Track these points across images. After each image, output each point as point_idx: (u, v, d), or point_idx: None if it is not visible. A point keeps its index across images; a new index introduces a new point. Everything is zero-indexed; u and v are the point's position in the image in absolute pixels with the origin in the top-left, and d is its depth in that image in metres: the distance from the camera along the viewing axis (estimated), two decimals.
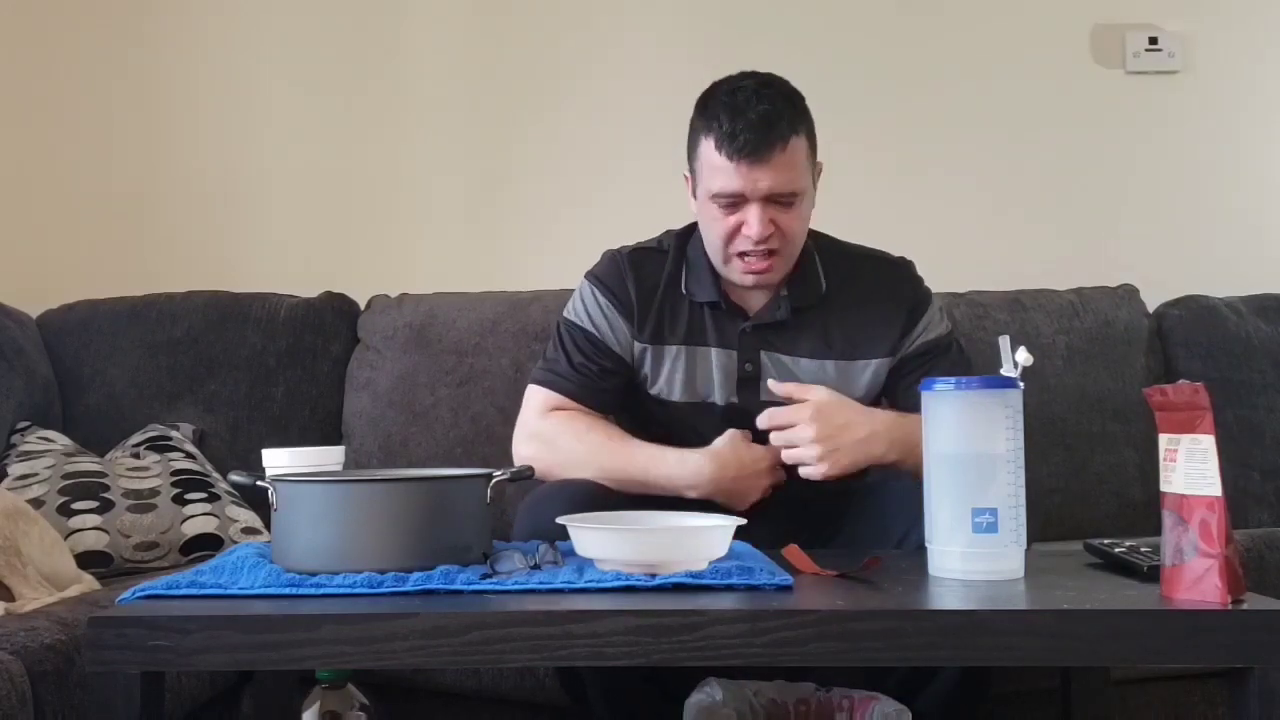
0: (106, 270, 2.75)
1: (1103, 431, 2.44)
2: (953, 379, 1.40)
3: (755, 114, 1.70)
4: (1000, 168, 2.84)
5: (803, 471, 1.70)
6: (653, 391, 1.85)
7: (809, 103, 1.80)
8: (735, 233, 1.75)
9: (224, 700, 1.90)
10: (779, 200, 1.73)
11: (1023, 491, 1.37)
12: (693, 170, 1.81)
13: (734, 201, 1.73)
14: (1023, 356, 1.40)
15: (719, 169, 1.72)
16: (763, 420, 1.72)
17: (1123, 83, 2.84)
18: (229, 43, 2.84)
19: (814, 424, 1.67)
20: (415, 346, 2.48)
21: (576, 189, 2.82)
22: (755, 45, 2.82)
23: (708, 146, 1.74)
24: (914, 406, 1.81)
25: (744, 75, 1.79)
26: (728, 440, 1.76)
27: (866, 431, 1.69)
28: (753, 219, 1.73)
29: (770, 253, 1.76)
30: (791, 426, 1.69)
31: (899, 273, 1.89)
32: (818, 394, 1.72)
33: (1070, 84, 2.84)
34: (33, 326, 2.51)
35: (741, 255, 1.77)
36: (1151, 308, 2.61)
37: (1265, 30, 2.85)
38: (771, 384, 1.77)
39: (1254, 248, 2.82)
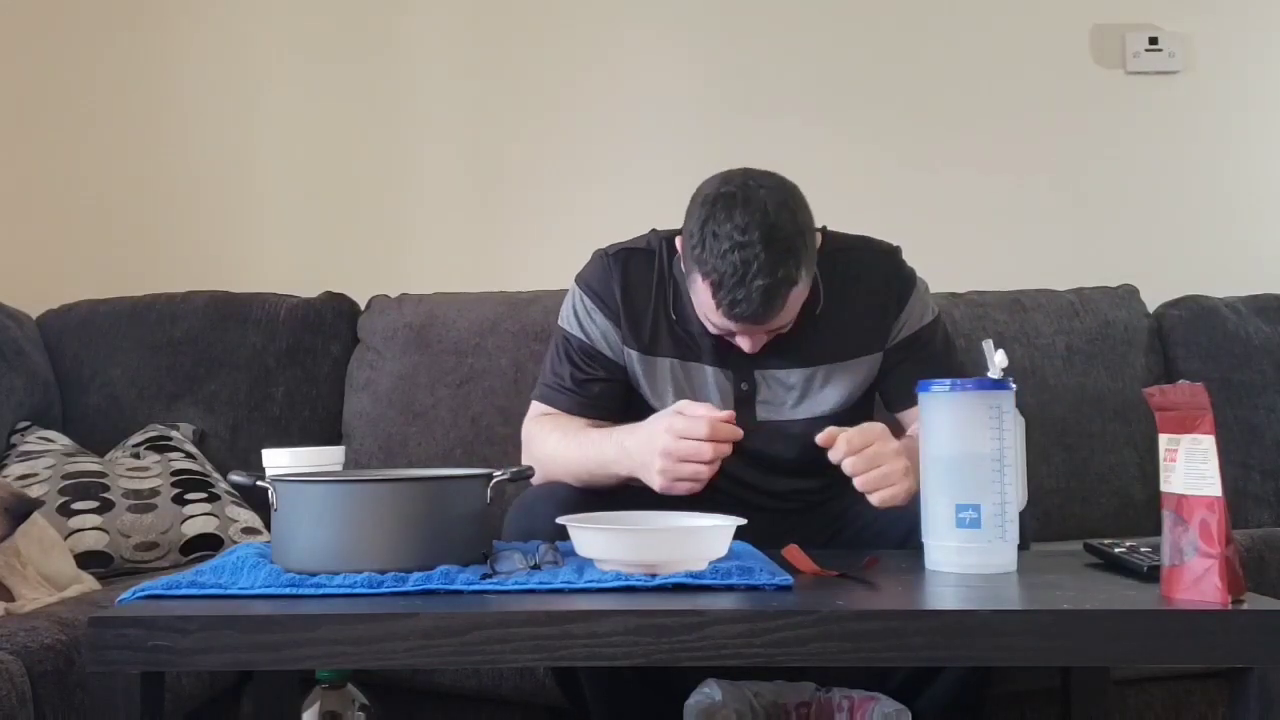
0: (106, 270, 2.75)
1: (1103, 431, 2.44)
2: (947, 380, 1.43)
3: (756, 289, 1.60)
4: (1000, 168, 2.84)
5: (886, 494, 1.55)
6: (654, 405, 1.82)
7: (807, 101, 1.78)
8: (728, 334, 1.73)
9: (224, 700, 1.90)
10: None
11: (1012, 488, 1.40)
12: (686, 270, 1.71)
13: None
14: (999, 359, 1.43)
15: (713, 310, 1.66)
16: (837, 451, 1.56)
17: (1123, 83, 2.85)
18: (229, 42, 2.84)
19: (891, 443, 1.58)
20: (415, 347, 2.48)
21: (576, 189, 2.82)
22: (756, 47, 2.83)
23: (705, 289, 1.65)
24: (898, 398, 1.84)
25: (746, 207, 1.62)
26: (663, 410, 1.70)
27: (910, 456, 1.60)
28: (745, 343, 1.72)
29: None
30: (869, 446, 1.56)
31: (883, 262, 1.86)
32: (868, 426, 1.60)
33: (1070, 84, 2.84)
34: (33, 326, 2.51)
35: None
36: (1151, 308, 2.62)
37: (1265, 30, 2.85)
38: (819, 438, 1.59)
39: (1254, 248, 2.82)
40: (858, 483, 1.56)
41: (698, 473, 1.59)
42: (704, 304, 1.69)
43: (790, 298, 1.65)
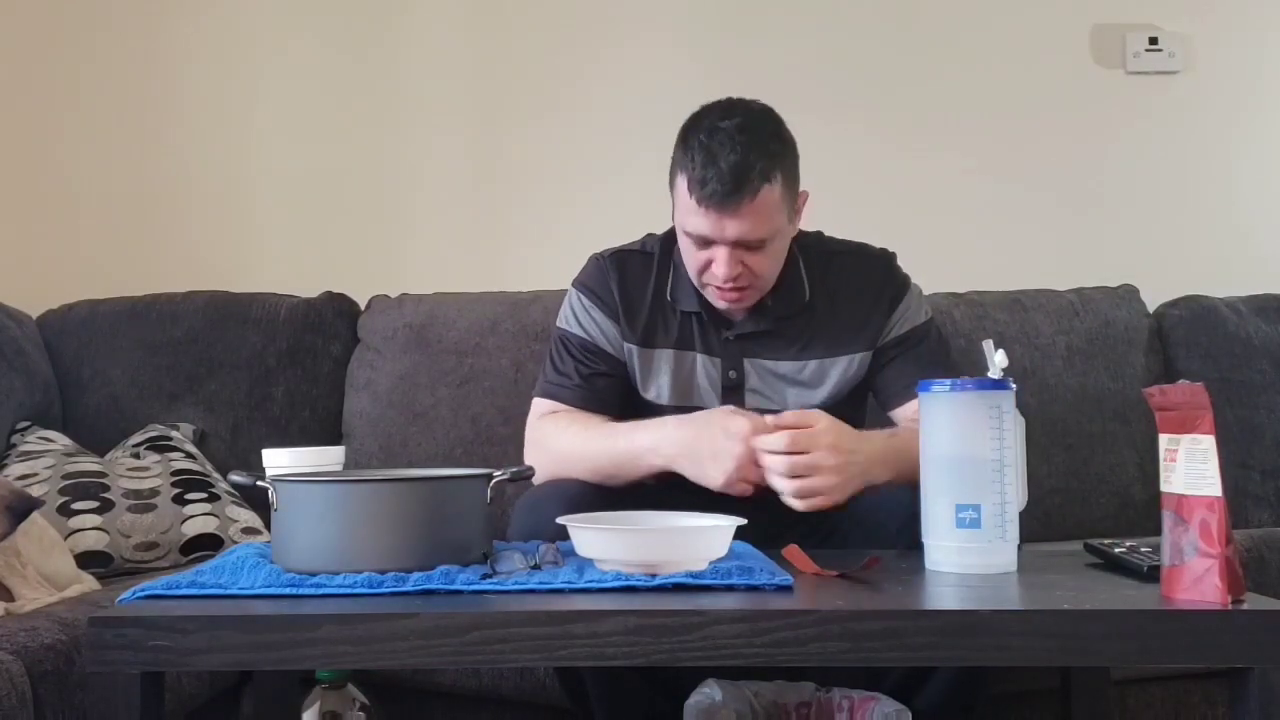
0: (106, 270, 2.75)
1: (1103, 431, 2.44)
2: (947, 380, 1.43)
3: (727, 163, 1.67)
4: (1000, 168, 2.83)
5: (806, 504, 1.59)
6: (646, 396, 1.86)
7: (806, 101, 1.79)
8: (706, 267, 1.76)
9: (224, 700, 1.90)
10: (747, 244, 1.72)
11: (1012, 489, 1.41)
12: (671, 193, 1.80)
13: (704, 240, 1.74)
14: (999, 359, 1.44)
15: (690, 209, 1.72)
16: (773, 439, 1.60)
17: (1123, 83, 2.85)
18: (229, 42, 2.84)
19: (833, 453, 1.59)
20: (415, 346, 2.48)
21: (576, 189, 2.82)
22: (754, 47, 2.82)
23: (681, 183, 1.73)
24: (891, 395, 1.85)
25: (728, 109, 1.75)
26: (711, 409, 1.74)
27: (865, 458, 1.63)
28: (720, 261, 1.73)
29: (740, 288, 1.77)
30: (804, 453, 1.59)
31: (878, 266, 1.89)
32: (823, 421, 1.62)
33: (1070, 84, 2.84)
34: (33, 326, 2.51)
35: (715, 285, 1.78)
36: (1151, 308, 2.62)
37: (1265, 30, 2.85)
38: (770, 419, 1.64)
39: (1254, 248, 2.82)
40: (777, 483, 1.60)
41: (762, 479, 1.62)
42: (683, 207, 1.74)
43: (762, 197, 1.69)
